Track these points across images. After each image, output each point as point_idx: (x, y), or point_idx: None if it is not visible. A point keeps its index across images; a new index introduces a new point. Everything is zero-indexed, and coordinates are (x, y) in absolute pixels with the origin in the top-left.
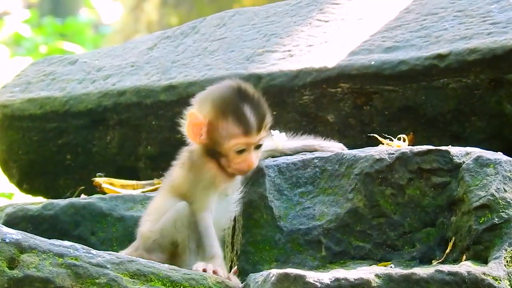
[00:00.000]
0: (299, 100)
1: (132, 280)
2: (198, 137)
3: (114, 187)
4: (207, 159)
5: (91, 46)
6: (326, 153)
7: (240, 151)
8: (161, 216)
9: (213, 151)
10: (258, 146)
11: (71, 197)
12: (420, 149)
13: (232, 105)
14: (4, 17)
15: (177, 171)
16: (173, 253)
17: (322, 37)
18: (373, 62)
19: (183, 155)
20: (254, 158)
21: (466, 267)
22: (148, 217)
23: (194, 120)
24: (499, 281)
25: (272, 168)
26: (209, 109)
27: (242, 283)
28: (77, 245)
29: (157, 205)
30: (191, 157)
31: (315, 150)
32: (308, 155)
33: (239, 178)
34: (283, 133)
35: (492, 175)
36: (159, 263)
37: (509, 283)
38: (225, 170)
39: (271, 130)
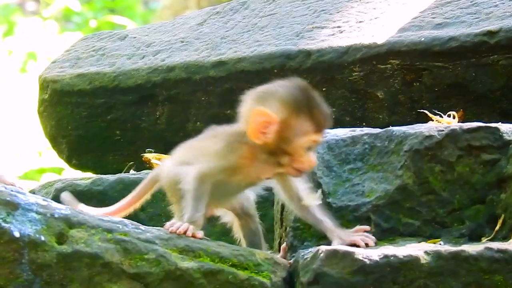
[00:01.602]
0: (348, 77)
1: (181, 256)
2: (263, 135)
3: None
4: (247, 151)
5: (140, 21)
6: (376, 130)
7: (308, 149)
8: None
9: (275, 150)
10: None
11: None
12: (469, 126)
13: (305, 103)
14: None
15: (211, 147)
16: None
17: (372, 13)
18: (423, 39)
19: (224, 135)
20: (315, 158)
21: None
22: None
23: (263, 118)
24: None
25: (321, 144)
26: (280, 107)
27: (291, 259)
28: (126, 221)
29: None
30: (231, 142)
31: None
32: (358, 131)
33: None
34: (319, 194)
35: None
36: (208, 239)
37: None
38: (272, 167)
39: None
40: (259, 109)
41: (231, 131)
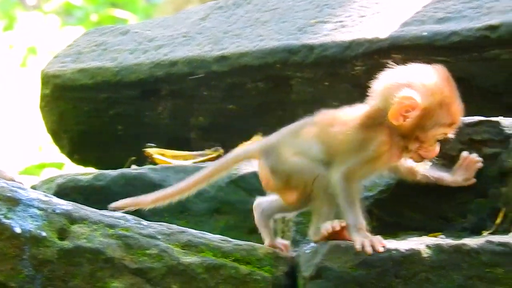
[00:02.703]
0: (351, 71)
1: (183, 251)
2: (402, 118)
3: (165, 157)
4: (384, 133)
5: (142, 16)
6: None
7: (438, 139)
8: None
9: (407, 134)
10: None
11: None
12: (471, 120)
13: (449, 96)
14: None
15: (344, 124)
16: (290, 190)
17: (375, 7)
18: (425, 33)
19: (357, 114)
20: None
21: None
22: (290, 145)
23: (409, 101)
24: None
25: None
26: (427, 95)
27: (293, 253)
28: (128, 216)
29: (304, 138)
30: (366, 122)
31: (447, 185)
32: None
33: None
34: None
35: None
36: (210, 234)
37: None
38: (400, 152)
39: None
40: (409, 95)
41: (360, 113)
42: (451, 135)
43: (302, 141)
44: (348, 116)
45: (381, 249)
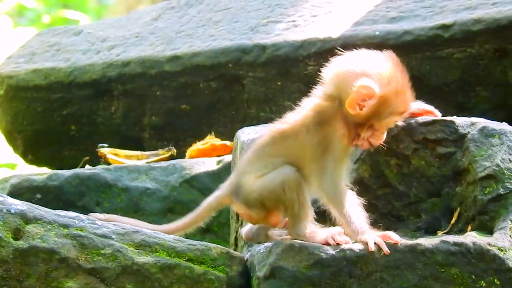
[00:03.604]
0: (303, 70)
1: (137, 250)
2: (359, 107)
3: (118, 157)
4: (340, 126)
5: (94, 16)
6: None
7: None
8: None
9: (361, 122)
10: None
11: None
12: (425, 120)
13: (402, 84)
14: None
15: (298, 132)
16: (272, 212)
17: (327, 7)
18: (377, 33)
19: (307, 115)
20: None
21: (471, 237)
22: (253, 172)
23: (366, 91)
24: (504, 252)
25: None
26: (383, 84)
27: (247, 253)
28: (82, 216)
29: (265, 161)
30: (318, 119)
31: None
32: None
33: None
34: None
35: (497, 145)
36: (164, 234)
37: None
38: (352, 139)
39: None
40: (366, 84)
41: (308, 113)
42: (400, 122)
43: (262, 163)
44: (297, 122)
45: (398, 240)
